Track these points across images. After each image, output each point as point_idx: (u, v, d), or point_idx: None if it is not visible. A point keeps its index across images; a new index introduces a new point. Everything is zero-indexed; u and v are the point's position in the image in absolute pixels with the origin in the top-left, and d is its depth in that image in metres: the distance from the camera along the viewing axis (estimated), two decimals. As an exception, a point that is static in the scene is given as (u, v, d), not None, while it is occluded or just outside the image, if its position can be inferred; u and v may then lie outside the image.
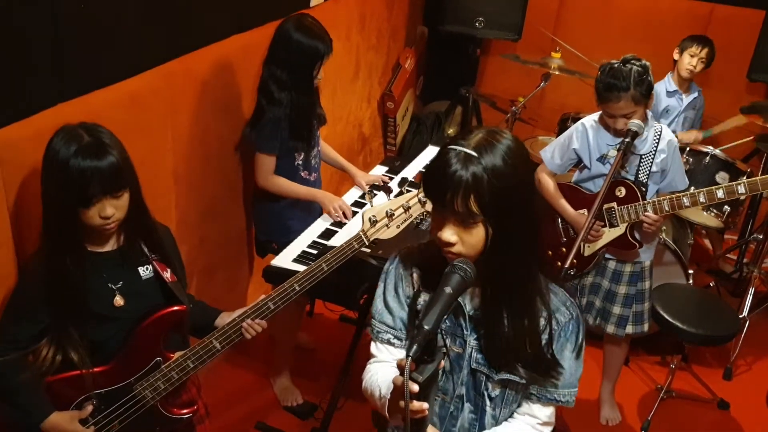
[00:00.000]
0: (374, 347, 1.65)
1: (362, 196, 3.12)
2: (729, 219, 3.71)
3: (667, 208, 2.78)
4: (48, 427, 1.93)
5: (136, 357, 2.00)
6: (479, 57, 5.27)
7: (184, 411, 2.12)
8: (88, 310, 1.92)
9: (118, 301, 1.97)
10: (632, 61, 2.68)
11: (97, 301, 1.94)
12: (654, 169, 2.81)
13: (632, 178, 2.82)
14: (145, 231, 2.01)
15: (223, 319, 2.18)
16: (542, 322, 1.52)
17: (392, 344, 1.62)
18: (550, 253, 3.00)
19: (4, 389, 1.93)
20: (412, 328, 1.58)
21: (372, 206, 2.37)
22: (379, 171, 3.34)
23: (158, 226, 2.08)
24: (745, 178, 3.59)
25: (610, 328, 3.05)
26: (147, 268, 2.02)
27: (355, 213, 2.96)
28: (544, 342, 1.52)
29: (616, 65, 2.68)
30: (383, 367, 1.60)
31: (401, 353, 1.60)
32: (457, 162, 1.38)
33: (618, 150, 2.70)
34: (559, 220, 3.00)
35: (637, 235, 2.88)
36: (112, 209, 1.85)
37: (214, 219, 3.10)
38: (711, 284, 4.25)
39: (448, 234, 1.43)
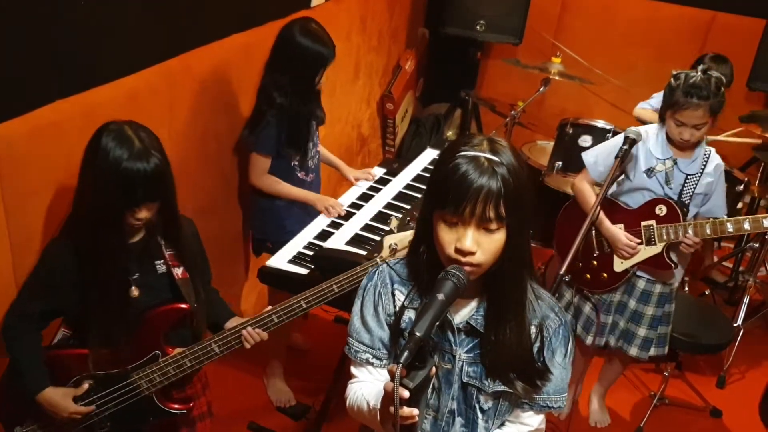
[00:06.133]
0: (354, 368, 1.62)
1: (361, 198, 3.12)
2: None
3: (708, 232, 2.70)
4: (42, 400, 1.99)
5: (136, 347, 2.05)
6: (480, 60, 5.26)
7: (176, 406, 2.14)
8: (107, 298, 1.97)
9: (134, 292, 2.02)
10: (711, 72, 2.61)
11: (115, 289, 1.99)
12: (698, 191, 2.73)
13: (675, 197, 2.74)
14: (168, 228, 2.05)
15: (232, 323, 2.21)
16: (533, 329, 1.51)
17: (371, 364, 1.58)
18: (580, 264, 2.91)
19: (11, 358, 2.02)
20: (395, 347, 1.55)
21: (395, 233, 2.33)
22: (377, 173, 3.34)
23: (182, 221, 2.10)
24: (742, 186, 3.60)
25: (634, 351, 2.96)
26: (162, 263, 2.07)
27: (350, 213, 2.97)
28: (536, 350, 1.51)
29: (696, 74, 2.60)
30: (367, 384, 1.58)
31: (381, 373, 1.58)
32: (480, 169, 1.36)
33: (616, 157, 2.68)
34: (594, 232, 2.91)
35: (672, 256, 2.81)
36: (147, 212, 1.92)
37: (211, 217, 3.09)
38: (706, 292, 4.25)
39: (471, 243, 1.38)
